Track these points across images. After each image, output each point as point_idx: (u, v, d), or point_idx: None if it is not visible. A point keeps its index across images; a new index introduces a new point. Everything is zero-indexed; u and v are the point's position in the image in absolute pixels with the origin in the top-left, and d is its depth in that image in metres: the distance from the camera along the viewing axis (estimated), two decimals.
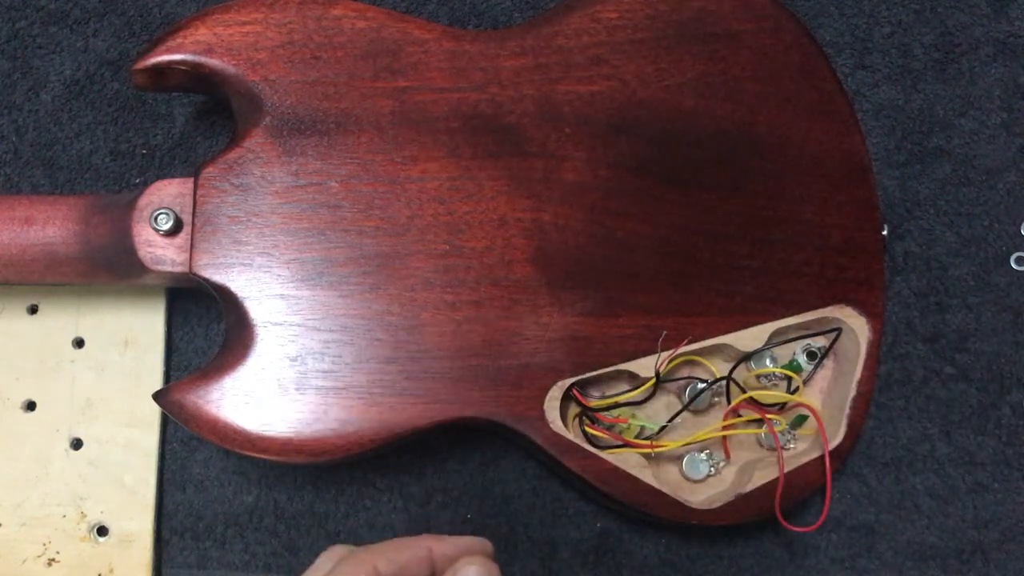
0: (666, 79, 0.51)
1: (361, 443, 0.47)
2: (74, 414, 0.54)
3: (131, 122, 0.57)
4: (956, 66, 0.59)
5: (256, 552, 0.54)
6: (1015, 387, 0.56)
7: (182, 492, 0.54)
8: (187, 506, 0.54)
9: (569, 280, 0.49)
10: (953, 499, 0.55)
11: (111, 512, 0.53)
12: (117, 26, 0.58)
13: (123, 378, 0.54)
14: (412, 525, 0.54)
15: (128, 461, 0.53)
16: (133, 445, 0.53)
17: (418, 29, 0.50)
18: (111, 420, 0.54)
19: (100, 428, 0.54)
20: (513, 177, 0.50)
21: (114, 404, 0.54)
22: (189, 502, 0.54)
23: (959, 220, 0.58)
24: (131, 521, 0.53)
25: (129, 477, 0.53)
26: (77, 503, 0.53)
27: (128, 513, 0.53)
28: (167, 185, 0.49)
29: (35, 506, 0.53)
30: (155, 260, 0.48)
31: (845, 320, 0.51)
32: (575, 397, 0.50)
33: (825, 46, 0.59)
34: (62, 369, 0.54)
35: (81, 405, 0.54)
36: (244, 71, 0.49)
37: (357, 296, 0.48)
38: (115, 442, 0.53)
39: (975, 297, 0.57)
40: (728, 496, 0.50)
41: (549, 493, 0.55)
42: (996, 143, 0.59)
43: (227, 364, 0.47)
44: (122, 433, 0.54)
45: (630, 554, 0.54)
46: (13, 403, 0.54)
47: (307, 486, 0.54)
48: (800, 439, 0.52)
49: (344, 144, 0.49)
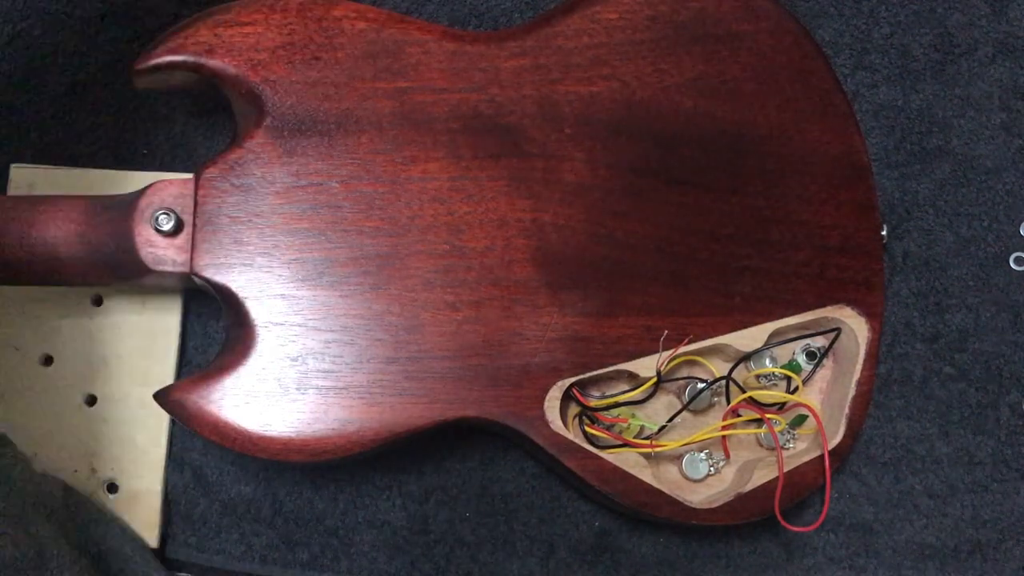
0: (666, 80, 0.51)
1: (361, 443, 0.47)
2: (90, 371, 0.54)
3: (132, 122, 0.57)
4: (955, 66, 0.59)
5: (252, 543, 0.54)
6: (1014, 387, 0.56)
7: (180, 474, 0.54)
8: (182, 489, 0.54)
9: (569, 280, 0.49)
10: (952, 499, 0.55)
11: (122, 470, 0.53)
12: (118, 26, 0.58)
13: (140, 337, 0.54)
14: (410, 523, 0.54)
15: (141, 420, 0.54)
16: (146, 404, 0.53)
17: (418, 30, 0.50)
18: (126, 379, 0.54)
19: (115, 386, 0.54)
20: (513, 177, 0.50)
21: (130, 363, 0.54)
22: (186, 485, 0.54)
23: (958, 220, 0.58)
24: (141, 480, 0.53)
25: (141, 436, 0.54)
26: (89, 459, 0.53)
27: (138, 472, 0.53)
28: (168, 185, 0.49)
29: (48, 460, 0.53)
30: (156, 260, 0.48)
31: (844, 320, 0.51)
32: (575, 397, 0.50)
33: (825, 46, 0.59)
34: (80, 326, 0.54)
35: (97, 362, 0.54)
36: (245, 72, 0.49)
37: (358, 296, 0.48)
38: (129, 401, 0.54)
39: (974, 297, 0.57)
40: (727, 496, 0.50)
41: (548, 492, 0.55)
42: (995, 143, 0.59)
43: (228, 364, 0.47)
44: (136, 392, 0.54)
45: (629, 553, 0.54)
46: (31, 357, 0.54)
47: (306, 482, 0.55)
48: (799, 439, 0.52)
49: (345, 144, 0.49)
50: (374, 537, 0.54)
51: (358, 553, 0.54)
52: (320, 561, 0.54)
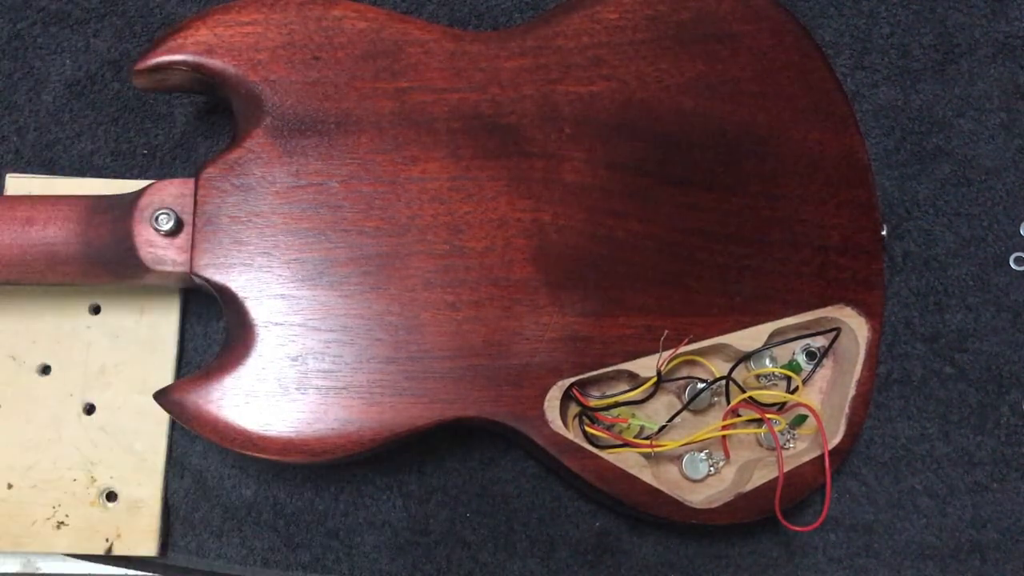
0: (666, 79, 0.51)
1: (361, 443, 0.47)
2: (88, 379, 0.54)
3: (132, 122, 0.57)
4: (955, 66, 0.59)
5: (254, 547, 0.54)
6: (1014, 387, 0.56)
7: (180, 479, 0.54)
8: (182, 495, 0.54)
9: (569, 280, 0.49)
10: (952, 499, 0.55)
11: (121, 478, 0.53)
12: (118, 26, 0.58)
13: (137, 345, 0.55)
14: (411, 523, 0.54)
15: (139, 428, 0.54)
16: (145, 412, 0.54)
17: (418, 30, 0.50)
18: (124, 387, 0.54)
19: (113, 394, 0.54)
20: (513, 177, 0.50)
21: (127, 371, 0.54)
22: (186, 490, 0.54)
23: (958, 220, 0.58)
24: (140, 488, 0.53)
25: (140, 444, 0.54)
26: (88, 468, 0.53)
27: (137, 479, 0.53)
28: (168, 185, 0.49)
29: (46, 469, 0.53)
30: (156, 260, 0.48)
31: (844, 320, 0.51)
32: (575, 397, 0.50)
33: (825, 46, 0.59)
34: (78, 335, 0.54)
35: (95, 371, 0.54)
36: (245, 72, 0.49)
37: (358, 296, 0.48)
38: (127, 409, 0.54)
39: (974, 297, 0.57)
40: (728, 496, 0.50)
41: (548, 492, 0.55)
42: (995, 143, 0.59)
43: (228, 364, 0.47)
44: (134, 400, 0.54)
45: (629, 553, 0.54)
46: (29, 367, 0.54)
47: (307, 483, 0.55)
48: (799, 439, 0.52)
49: (345, 144, 0.49)
50: (375, 538, 0.54)
51: (359, 554, 0.54)
52: (322, 563, 0.54)
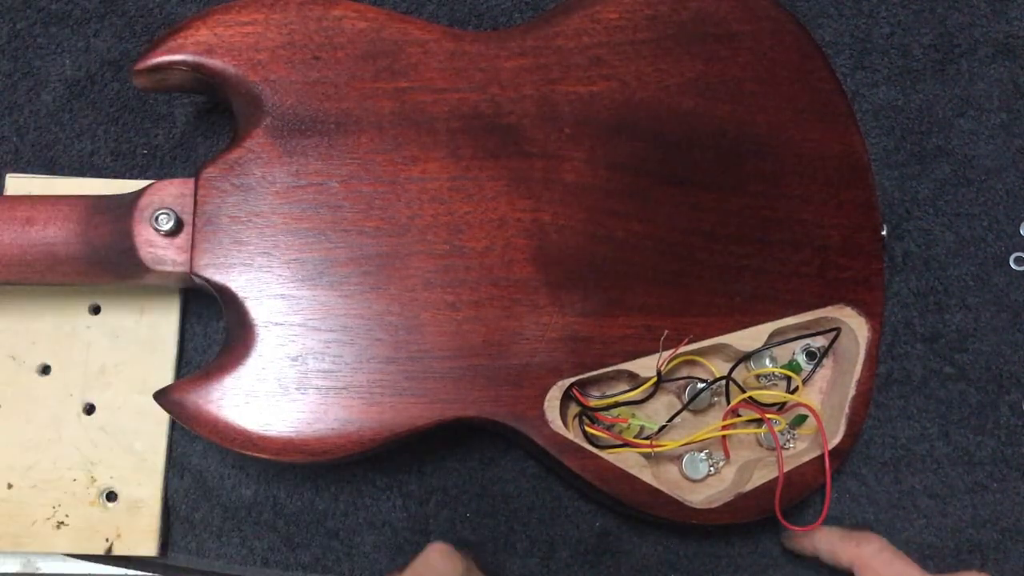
0: (666, 79, 0.51)
1: (361, 443, 0.47)
2: (88, 379, 0.54)
3: (132, 122, 0.57)
4: (955, 66, 0.59)
5: (254, 547, 0.54)
6: (1014, 387, 0.56)
7: (180, 479, 0.54)
8: (182, 495, 0.54)
9: (569, 280, 0.49)
10: (952, 499, 0.55)
11: (121, 478, 0.53)
12: (118, 26, 0.58)
13: (137, 345, 0.55)
14: (411, 523, 0.54)
15: (139, 428, 0.54)
16: (145, 412, 0.54)
17: (418, 30, 0.50)
18: (124, 387, 0.54)
19: (113, 394, 0.54)
20: (513, 177, 0.50)
21: (127, 371, 0.54)
22: (186, 490, 0.54)
23: (958, 220, 0.58)
24: (140, 488, 0.53)
25: (139, 444, 0.54)
26: (88, 468, 0.53)
27: (137, 479, 0.53)
28: (168, 185, 0.49)
29: (46, 469, 0.53)
30: (156, 260, 0.48)
31: (844, 320, 0.51)
32: (575, 397, 0.50)
33: (825, 46, 0.59)
34: (78, 335, 0.55)
35: (95, 371, 0.54)
36: (245, 72, 0.49)
37: (358, 296, 0.48)
38: (127, 409, 0.54)
39: (974, 297, 0.57)
40: (728, 496, 0.50)
41: (548, 492, 0.55)
42: (995, 143, 0.59)
43: (228, 364, 0.47)
44: (134, 400, 0.54)
45: (629, 553, 0.54)
46: (28, 367, 0.54)
47: (306, 483, 0.55)
48: (799, 439, 0.52)
49: (344, 144, 0.49)
50: (375, 538, 0.54)
51: (359, 554, 0.54)
52: (322, 563, 0.54)
